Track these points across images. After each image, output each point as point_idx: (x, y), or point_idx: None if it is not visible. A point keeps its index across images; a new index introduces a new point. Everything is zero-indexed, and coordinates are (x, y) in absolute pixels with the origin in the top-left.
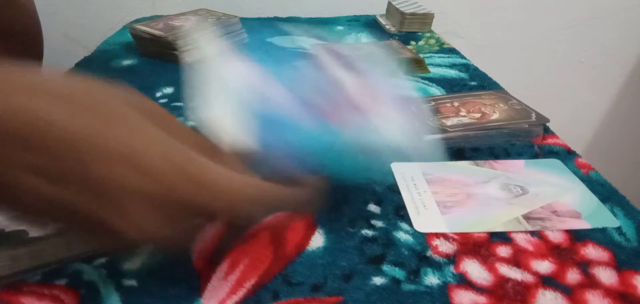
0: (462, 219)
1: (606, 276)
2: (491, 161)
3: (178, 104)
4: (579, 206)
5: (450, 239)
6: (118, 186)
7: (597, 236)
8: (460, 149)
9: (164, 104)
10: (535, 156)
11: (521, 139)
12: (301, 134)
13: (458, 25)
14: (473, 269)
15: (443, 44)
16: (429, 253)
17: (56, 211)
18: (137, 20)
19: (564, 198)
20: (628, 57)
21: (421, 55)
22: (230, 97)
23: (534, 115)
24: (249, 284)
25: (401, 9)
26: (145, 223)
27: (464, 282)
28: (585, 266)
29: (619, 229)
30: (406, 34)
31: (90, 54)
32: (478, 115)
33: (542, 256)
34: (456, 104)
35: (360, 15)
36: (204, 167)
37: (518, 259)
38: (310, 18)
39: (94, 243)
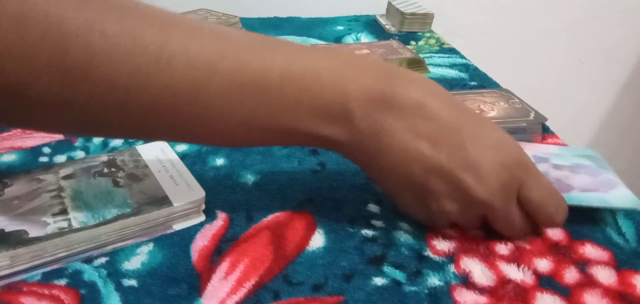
0: None
1: (605, 275)
2: None
3: None
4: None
5: (450, 238)
6: (483, 161)
7: (596, 236)
8: None
9: None
10: None
11: (519, 138)
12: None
13: (458, 25)
14: (473, 268)
15: (443, 44)
16: (428, 252)
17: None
18: None
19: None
20: (628, 57)
21: (421, 55)
22: None
23: (532, 114)
24: (249, 284)
25: (401, 9)
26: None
27: (465, 282)
28: (583, 265)
29: (618, 229)
30: (406, 34)
31: None
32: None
33: (541, 254)
34: None
35: (360, 16)
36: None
37: (517, 257)
38: (311, 18)
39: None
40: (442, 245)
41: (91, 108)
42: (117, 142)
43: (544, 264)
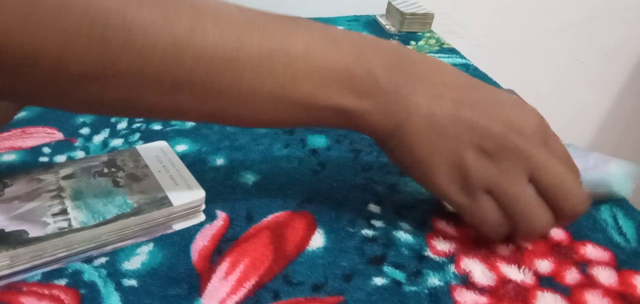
0: None
1: (605, 276)
2: None
3: None
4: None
5: (450, 238)
6: (510, 114)
7: (597, 236)
8: None
9: None
10: None
11: None
12: None
13: (458, 25)
14: (474, 268)
15: (443, 44)
16: (428, 252)
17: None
18: None
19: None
20: (628, 57)
21: None
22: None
23: None
24: (249, 284)
25: (401, 9)
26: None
27: (465, 282)
28: (584, 265)
29: (619, 228)
30: (406, 34)
31: None
32: None
33: (541, 255)
34: None
35: (360, 15)
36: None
37: (518, 259)
38: (311, 18)
39: None
40: (442, 245)
41: (128, 83)
42: (117, 142)
43: (544, 265)
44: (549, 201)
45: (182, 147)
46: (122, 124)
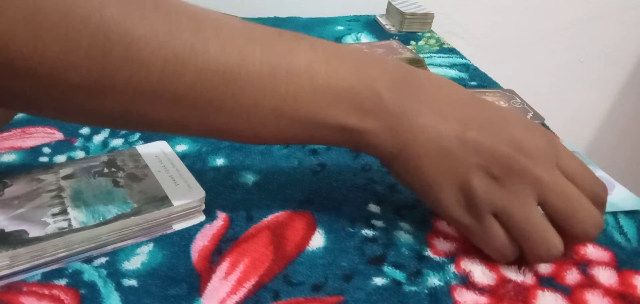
0: None
1: (606, 276)
2: None
3: None
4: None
5: (450, 238)
6: (516, 134)
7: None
8: None
9: None
10: None
11: None
12: None
13: (458, 25)
14: (474, 268)
15: (443, 44)
16: (428, 252)
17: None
18: None
19: None
20: (628, 57)
21: (421, 55)
22: None
23: (530, 114)
24: (249, 284)
25: (401, 9)
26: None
27: (465, 282)
28: (585, 266)
29: (620, 228)
30: (406, 34)
31: None
32: None
33: None
34: None
35: (360, 15)
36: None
37: (518, 259)
38: (310, 18)
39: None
40: (443, 245)
41: (127, 95)
42: (117, 142)
43: (545, 266)
44: (559, 224)
45: (182, 147)
46: None
